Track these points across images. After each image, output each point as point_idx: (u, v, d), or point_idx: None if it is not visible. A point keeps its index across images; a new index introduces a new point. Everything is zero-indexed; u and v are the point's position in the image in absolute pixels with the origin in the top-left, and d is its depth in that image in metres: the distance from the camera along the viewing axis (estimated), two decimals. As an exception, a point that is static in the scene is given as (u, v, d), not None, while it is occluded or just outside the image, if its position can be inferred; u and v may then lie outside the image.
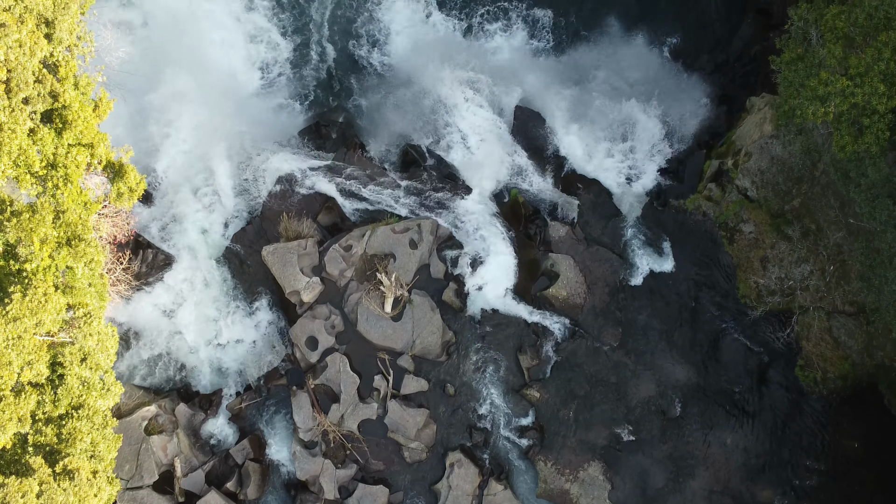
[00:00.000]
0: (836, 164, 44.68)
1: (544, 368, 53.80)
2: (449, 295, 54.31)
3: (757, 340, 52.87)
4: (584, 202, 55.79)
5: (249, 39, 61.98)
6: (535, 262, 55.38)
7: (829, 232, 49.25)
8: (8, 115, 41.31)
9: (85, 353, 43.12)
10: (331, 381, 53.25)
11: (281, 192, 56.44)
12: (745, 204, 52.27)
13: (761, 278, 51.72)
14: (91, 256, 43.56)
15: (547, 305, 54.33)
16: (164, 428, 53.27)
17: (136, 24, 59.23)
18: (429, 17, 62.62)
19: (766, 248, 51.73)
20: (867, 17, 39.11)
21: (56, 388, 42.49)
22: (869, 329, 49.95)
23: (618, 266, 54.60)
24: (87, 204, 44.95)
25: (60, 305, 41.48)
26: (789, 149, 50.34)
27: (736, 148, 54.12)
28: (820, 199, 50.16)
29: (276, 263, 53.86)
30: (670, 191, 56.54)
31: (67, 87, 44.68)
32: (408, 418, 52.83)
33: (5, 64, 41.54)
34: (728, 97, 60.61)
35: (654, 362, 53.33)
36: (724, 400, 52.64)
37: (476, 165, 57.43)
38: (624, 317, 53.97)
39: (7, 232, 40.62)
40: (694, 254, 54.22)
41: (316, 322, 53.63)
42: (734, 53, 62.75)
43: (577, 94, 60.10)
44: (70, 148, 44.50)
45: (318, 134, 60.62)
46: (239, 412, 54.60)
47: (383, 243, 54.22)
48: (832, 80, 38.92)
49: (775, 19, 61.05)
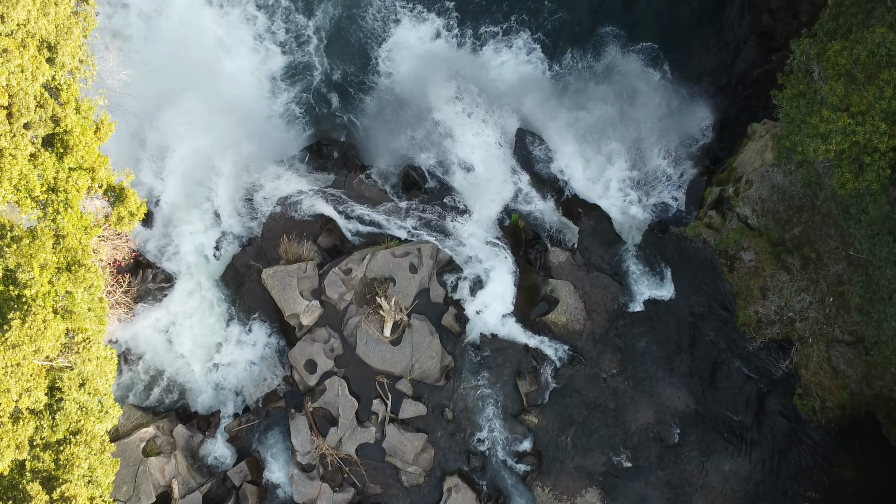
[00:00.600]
0: (836, 198, 44.65)
1: (543, 394, 53.73)
2: (448, 319, 54.30)
3: (756, 368, 52.77)
4: (584, 228, 55.73)
5: (252, 58, 62.10)
6: (534, 287, 55.36)
7: (830, 262, 49.20)
8: (9, 140, 41.34)
9: (83, 378, 43.11)
10: (329, 404, 53.23)
11: (281, 213, 56.47)
12: (745, 232, 52.20)
13: (761, 307, 51.66)
14: (91, 281, 43.53)
15: (546, 331, 54.29)
16: (162, 449, 53.27)
17: (139, 46, 59.31)
18: (432, 38, 62.52)
19: (766, 277, 51.66)
20: (869, 55, 39.02)
21: (54, 414, 42.46)
22: (868, 359, 49.87)
23: (617, 292, 54.55)
24: (88, 228, 44.97)
25: (59, 332, 41.47)
26: (790, 177, 50.29)
27: (737, 175, 54.06)
28: (820, 229, 50.09)
29: (275, 286, 53.86)
30: (671, 217, 56.51)
31: (69, 112, 44.71)
32: (406, 442, 52.79)
33: (7, 89, 41.56)
34: (730, 120, 60.57)
35: (653, 389, 53.26)
36: (723, 427, 52.56)
37: (477, 188, 57.39)
38: (623, 343, 53.90)
39: (7, 257, 40.60)
40: (694, 281, 54.14)
41: (315, 345, 53.63)
42: (736, 76, 62.69)
43: (578, 116, 59.99)
44: (71, 172, 44.50)
45: (320, 153, 60.64)
46: (237, 434, 54.61)
47: (383, 267, 54.22)
48: (834, 118, 38.86)
49: (778, 42, 61.06)
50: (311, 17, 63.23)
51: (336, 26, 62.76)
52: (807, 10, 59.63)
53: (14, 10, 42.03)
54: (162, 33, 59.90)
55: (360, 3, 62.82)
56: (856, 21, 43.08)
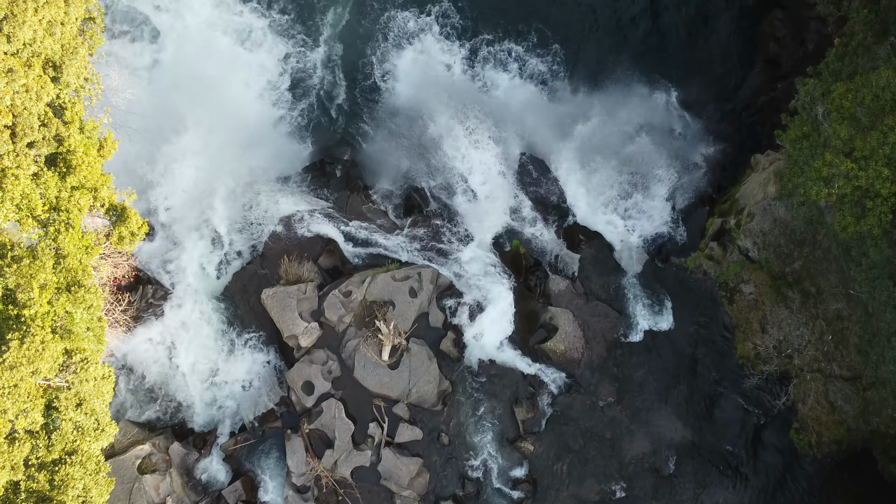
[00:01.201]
0: (837, 239, 44.60)
1: (539, 421, 53.75)
2: (447, 344, 54.32)
3: (753, 401, 52.78)
4: (585, 256, 55.76)
5: (258, 75, 61.94)
6: (534, 313, 55.36)
7: (830, 299, 49.19)
8: (12, 159, 41.36)
9: (81, 398, 43.10)
10: (325, 426, 53.23)
11: (283, 232, 56.45)
12: (745, 265, 52.20)
13: (760, 340, 51.66)
14: (90, 302, 43.54)
15: (544, 358, 54.30)
16: (157, 467, 53.27)
17: (145, 64, 59.40)
18: (440, 61, 62.36)
19: (766, 311, 51.65)
20: (874, 99, 38.99)
21: (50, 434, 42.41)
22: (865, 395, 49.84)
23: (617, 322, 54.55)
24: (89, 248, 44.93)
25: (58, 353, 41.49)
26: (792, 212, 50.21)
27: (739, 206, 54.06)
28: (821, 264, 50.06)
29: (275, 307, 53.89)
30: (672, 247, 56.51)
31: (73, 132, 44.69)
32: (401, 466, 52.78)
33: (11, 109, 41.58)
34: (733, 148, 60.53)
35: (650, 419, 53.28)
36: (718, 459, 52.56)
37: (479, 212, 57.41)
38: (621, 373, 53.92)
39: (7, 277, 40.60)
40: (693, 313, 54.16)
41: (313, 367, 53.65)
42: (741, 103, 62.64)
43: (582, 142, 59.92)
44: (73, 191, 44.48)
45: (323, 172, 60.65)
46: (232, 453, 54.60)
47: (383, 290, 54.23)
48: (837, 163, 38.84)
49: (784, 69, 61.04)
50: (319, 36, 63.16)
51: (344, 46, 62.71)
52: (813, 38, 59.61)
53: (21, 30, 42.04)
54: (169, 51, 59.92)
55: (369, 23, 62.73)
56: (861, 62, 43.04)
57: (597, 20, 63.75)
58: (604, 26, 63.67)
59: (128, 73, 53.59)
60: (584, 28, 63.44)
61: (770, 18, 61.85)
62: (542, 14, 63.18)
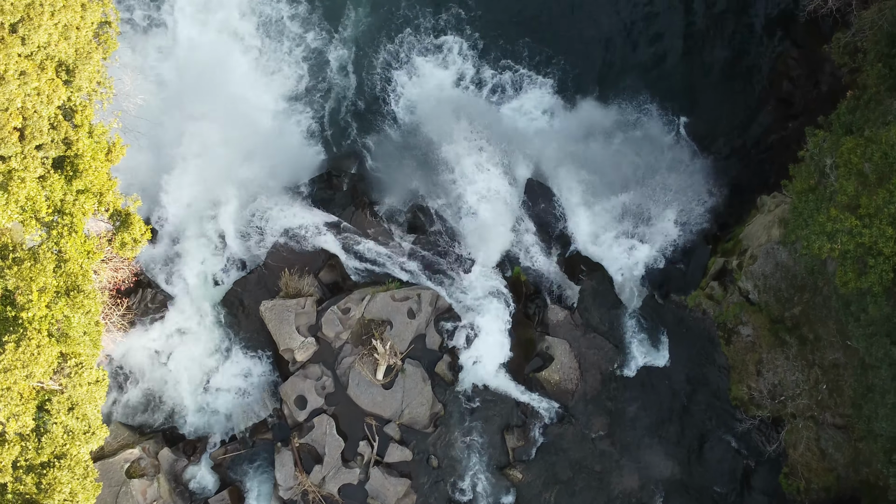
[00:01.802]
0: (837, 291, 44.51)
1: (529, 450, 53.77)
2: (442, 367, 54.35)
3: (744, 443, 52.80)
4: (585, 287, 55.74)
5: (269, 84, 61.99)
6: (531, 342, 55.38)
7: (827, 348, 49.09)
8: (20, 161, 41.37)
9: (73, 402, 43.16)
10: (316, 441, 53.28)
11: (285, 244, 56.50)
12: (745, 306, 52.15)
13: (754, 383, 51.58)
14: (88, 308, 43.56)
15: (538, 387, 54.32)
16: (145, 472, 53.32)
17: (157, 70, 59.44)
18: (452, 78, 62.29)
19: (763, 354, 51.57)
20: (883, 156, 38.97)
21: (40, 436, 42.44)
22: (857, 445, 49.77)
23: (613, 355, 54.54)
24: (90, 253, 44.97)
25: (53, 357, 41.53)
26: (795, 258, 50.14)
27: (742, 247, 54.00)
28: (821, 311, 49.97)
29: (273, 320, 53.95)
30: (672, 284, 56.44)
31: (82, 135, 44.75)
32: (389, 486, 52.81)
33: (22, 111, 41.63)
34: (741, 186, 60.32)
35: (640, 455, 53.28)
36: (706, 499, 52.60)
37: (482, 236, 57.35)
38: (614, 407, 53.93)
39: (7, 279, 40.63)
40: (690, 351, 54.14)
41: (307, 381, 53.71)
42: (751, 140, 62.41)
43: (590, 170, 59.71)
44: (78, 195, 44.52)
45: (329, 184, 60.63)
46: (221, 462, 54.66)
47: (382, 310, 54.27)
48: (841, 219, 38.82)
49: (796, 109, 60.89)
50: (333, 48, 63.13)
51: (358, 60, 62.67)
52: (828, 80, 59.52)
53: (36, 33, 42.07)
54: (182, 58, 59.95)
55: (384, 40, 62.67)
56: (873, 117, 42.97)
57: (612, 47, 63.59)
58: (619, 54, 63.50)
59: (140, 77, 53.59)
60: (599, 54, 63.28)
61: (785, 57, 61.67)
62: (558, 39, 63.04)
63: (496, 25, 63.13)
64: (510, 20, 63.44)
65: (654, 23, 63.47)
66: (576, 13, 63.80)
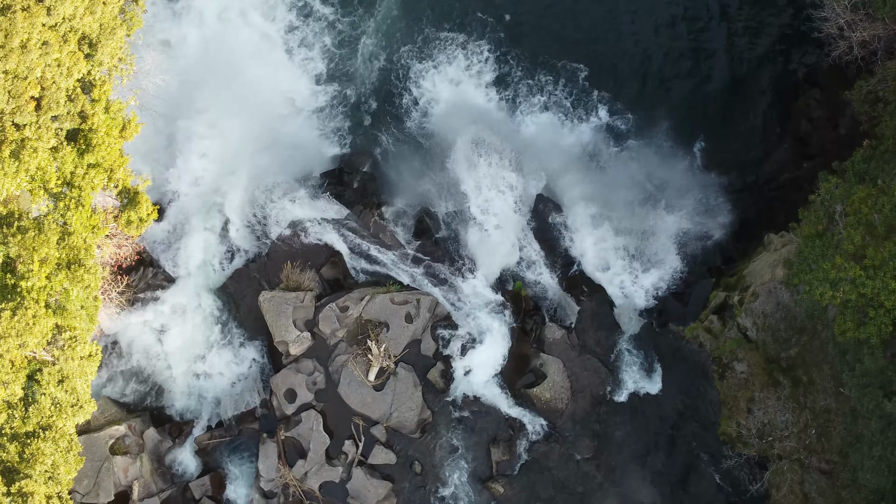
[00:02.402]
0: (835, 339, 44.46)
1: (514, 464, 53.71)
2: (434, 374, 54.36)
3: (728, 479, 52.66)
4: (585, 309, 55.65)
5: (292, 75, 61.98)
6: (525, 357, 55.34)
7: (820, 393, 48.94)
8: (34, 131, 41.44)
9: (64, 374, 43.25)
10: (302, 436, 53.31)
11: (290, 237, 56.56)
12: (742, 343, 52.01)
13: (744, 420, 51.49)
14: (88, 282, 43.65)
15: (528, 403, 54.26)
16: (129, 449, 53.39)
17: (179, 50, 59.44)
18: (474, 88, 62.13)
19: (755, 392, 51.47)
20: (893, 209, 38.96)
21: (28, 406, 42.49)
22: (840, 493, 49.57)
23: (605, 379, 54.46)
24: (95, 227, 45.08)
25: (48, 328, 41.62)
26: (796, 299, 50.05)
27: (745, 284, 53.88)
28: (817, 355, 49.85)
29: (270, 311, 53.99)
30: (672, 313, 56.30)
31: (98, 110, 44.85)
32: (370, 488, 52.81)
33: (41, 81, 41.71)
34: (749, 222, 60.15)
35: (624, 480, 53.21)
36: (685, 532, 52.57)
37: (487, 247, 57.30)
38: (602, 430, 53.85)
39: (9, 246, 40.71)
40: (683, 382, 54.04)
41: (298, 376, 53.74)
42: (764, 176, 62.16)
43: (601, 192, 59.60)
44: (89, 169, 44.65)
45: (340, 180, 60.62)
46: (206, 447, 54.70)
47: (380, 311, 54.29)
48: (846, 267, 38.81)
49: (812, 150, 60.68)
50: (361, 42, 63.15)
51: (382, 58, 62.63)
52: (847, 124, 59.24)
53: (62, 5, 42.27)
54: (205, 42, 60.04)
55: (410, 42, 62.59)
56: (887, 168, 42.83)
57: (641, 72, 63.29)
58: (647, 80, 63.16)
59: (162, 58, 53.64)
60: (627, 77, 62.89)
61: (807, 97, 61.47)
62: (588, 58, 62.65)
63: (526, 38, 63.05)
64: (541, 35, 63.31)
65: (687, 53, 63.23)
66: (611, 34, 63.64)
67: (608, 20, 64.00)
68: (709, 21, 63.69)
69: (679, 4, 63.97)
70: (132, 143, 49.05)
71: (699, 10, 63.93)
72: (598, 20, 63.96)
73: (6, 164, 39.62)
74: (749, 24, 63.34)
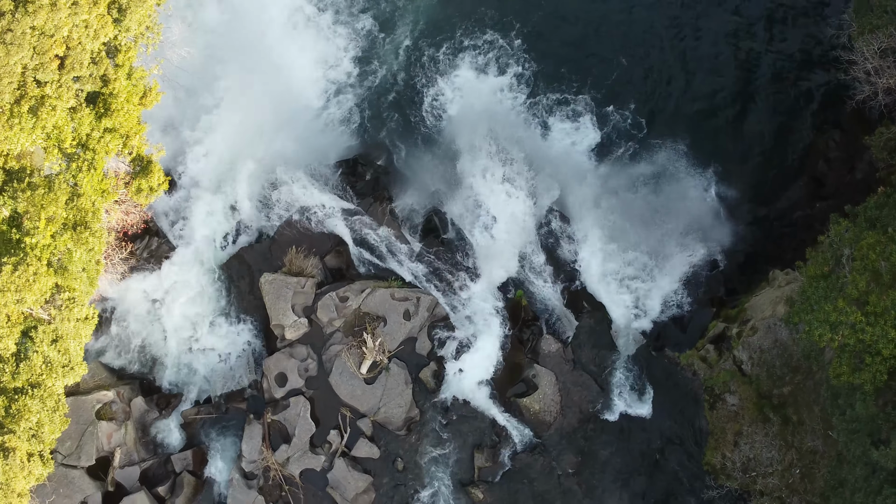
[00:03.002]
0: (829, 381, 44.40)
1: (496, 472, 53.68)
2: (426, 374, 54.37)
3: (708, 510, 52.71)
4: (583, 325, 55.64)
5: (317, 59, 61.93)
6: (518, 366, 55.34)
7: (808, 434, 48.92)
8: (54, 89, 41.50)
9: (58, 334, 43.31)
10: (288, 421, 53.33)
11: (298, 221, 56.63)
12: (736, 376, 51.98)
13: (730, 453, 51.44)
14: (92, 245, 43.68)
15: (517, 412, 54.28)
16: (115, 416, 53.45)
17: (207, 24, 59.39)
18: (495, 92, 62.07)
19: (744, 425, 51.42)
20: (900, 258, 38.96)
21: (19, 362, 42.50)
22: (819, 536, 49.62)
23: (597, 396, 54.44)
24: (105, 192, 45.13)
25: (47, 287, 41.67)
26: (795, 338, 50.00)
27: (746, 317, 53.83)
28: (810, 395, 49.83)
29: (270, 293, 54.04)
30: (669, 338, 56.20)
31: (120, 76, 44.92)
32: (350, 479, 52.82)
33: (66, 41, 41.73)
34: (756, 255, 59.98)
35: (604, 500, 53.20)
36: (660, 558, 52.52)
37: (492, 253, 57.27)
38: (587, 447, 53.79)
39: (18, 201, 40.75)
40: (673, 408, 53.99)
41: (291, 361, 53.78)
42: (776, 212, 61.91)
43: (611, 210, 59.37)
44: (105, 133, 44.67)
45: (354, 171, 60.66)
46: (192, 421, 54.75)
47: (379, 305, 54.31)
48: (847, 311, 38.79)
49: (826, 191, 60.55)
50: (390, 34, 63.18)
51: (409, 53, 62.68)
52: (864, 168, 59.08)
53: (96, -33, 42.24)
54: (233, 18, 60.03)
55: (439, 41, 62.63)
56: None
57: (667, 96, 63.10)
58: (672, 103, 62.95)
59: (189, 30, 53.66)
60: (652, 99, 62.80)
61: (827, 137, 61.33)
62: (616, 76, 62.69)
63: (555, 50, 62.98)
64: (571, 49, 63.32)
65: (711, 82, 63.07)
66: (640, 54, 63.66)
67: (639, 43, 63.99)
68: (737, 54, 63.62)
69: (708, 37, 63.93)
70: (151, 112, 49.12)
71: (728, 41, 63.88)
72: (630, 41, 63.97)
73: (24, 119, 39.68)
74: (776, 60, 63.24)
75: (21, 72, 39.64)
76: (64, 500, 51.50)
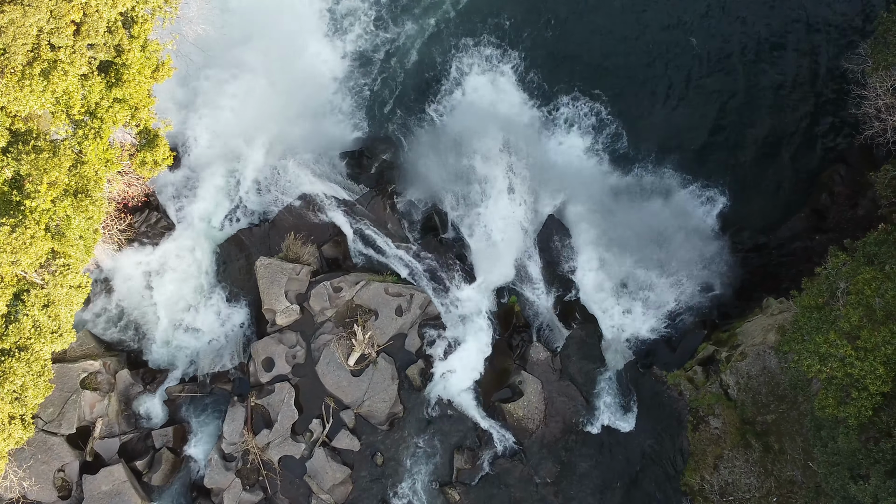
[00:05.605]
0: (814, 413, 44.44)
1: (474, 475, 53.69)
2: (413, 371, 54.37)
3: (682, 531, 52.68)
4: (574, 336, 55.68)
5: (329, 49, 62.14)
6: (506, 371, 55.36)
7: (788, 462, 48.99)
8: (67, 55, 41.42)
9: (50, 300, 43.19)
10: (272, 406, 53.31)
11: (298, 208, 56.63)
12: (722, 399, 52.03)
13: (709, 475, 51.48)
14: (92, 214, 43.61)
15: (500, 417, 54.27)
16: (100, 386, 53.42)
17: (227, 4, 59.45)
18: (506, 95, 62.18)
19: (725, 450, 51.47)
20: (895, 296, 38.92)
21: (8, 324, 42.44)
22: (790, 565, 49.67)
23: (581, 408, 54.44)
24: (109, 162, 45.04)
25: (43, 251, 41.55)
26: (783, 366, 50.08)
27: (736, 342, 53.89)
28: (793, 425, 49.91)
29: (265, 277, 54.03)
30: (658, 357, 56.21)
31: (135, 47, 44.83)
32: (329, 470, 52.81)
33: (84, 7, 41.64)
34: (753, 282, 59.96)
35: (579, 512, 53.22)
36: (630, 574, 52.51)
37: (490, 256, 57.31)
38: (567, 458, 53.80)
39: (22, 164, 40.68)
40: (656, 426, 53.96)
41: (280, 346, 53.77)
42: (776, 241, 61.96)
43: (612, 224, 59.42)
44: (114, 103, 44.59)
45: (359, 162, 60.71)
46: (175, 399, 54.74)
47: (372, 299, 54.32)
48: (838, 344, 38.82)
49: (828, 224, 60.58)
50: (406, 28, 63.33)
51: (422, 51, 62.83)
52: (867, 205, 59.16)
53: (119, -64, 42.19)
54: (254, 1, 60.26)
55: (452, 39, 62.77)
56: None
57: (679, 114, 63.18)
58: (683, 123, 62.96)
59: (207, 7, 53.63)
60: (664, 116, 62.93)
61: (832, 171, 61.39)
62: (630, 90, 62.93)
63: (569, 60, 63.19)
64: (585, 59, 63.52)
65: (720, 108, 63.14)
66: (656, 70, 63.72)
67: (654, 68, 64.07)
68: (751, 81, 63.69)
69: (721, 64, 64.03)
70: (161, 86, 49.10)
71: (745, 69, 63.98)
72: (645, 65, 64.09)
73: (34, 81, 39.60)
74: (788, 90, 63.28)
75: (36, 34, 39.54)
76: (42, 466, 51.50)
